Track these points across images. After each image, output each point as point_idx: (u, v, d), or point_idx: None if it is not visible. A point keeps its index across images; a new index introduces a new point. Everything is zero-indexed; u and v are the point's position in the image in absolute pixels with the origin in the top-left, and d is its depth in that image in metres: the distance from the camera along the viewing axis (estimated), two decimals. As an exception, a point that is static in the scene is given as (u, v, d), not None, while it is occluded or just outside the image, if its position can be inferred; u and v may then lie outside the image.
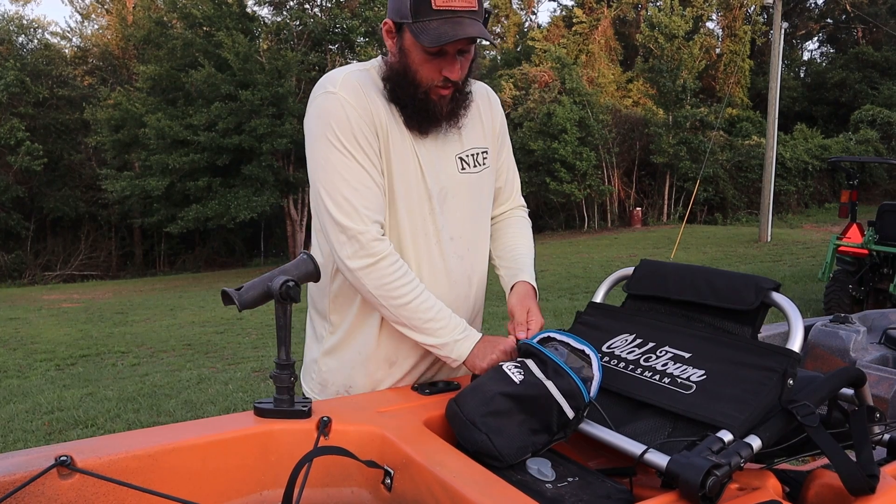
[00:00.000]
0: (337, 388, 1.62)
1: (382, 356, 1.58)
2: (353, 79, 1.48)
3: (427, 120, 1.49)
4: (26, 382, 6.67)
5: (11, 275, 23.98)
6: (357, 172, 1.45)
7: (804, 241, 16.75)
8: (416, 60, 1.43)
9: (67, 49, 29.59)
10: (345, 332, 1.60)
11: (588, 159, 22.98)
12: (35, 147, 22.95)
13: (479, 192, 1.63)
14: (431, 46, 1.37)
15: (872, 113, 25.57)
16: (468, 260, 1.63)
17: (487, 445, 1.21)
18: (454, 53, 1.42)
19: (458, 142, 1.59)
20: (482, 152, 1.63)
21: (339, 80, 1.47)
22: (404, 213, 1.52)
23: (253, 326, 9.28)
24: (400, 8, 1.40)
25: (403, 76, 1.45)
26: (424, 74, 1.44)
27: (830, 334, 2.18)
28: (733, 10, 29.24)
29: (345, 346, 1.60)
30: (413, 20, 1.37)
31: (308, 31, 21.61)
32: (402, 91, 1.46)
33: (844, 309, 7.25)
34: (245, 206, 19.36)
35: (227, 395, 5.45)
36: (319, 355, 1.64)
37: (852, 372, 1.23)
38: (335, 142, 1.44)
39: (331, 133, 1.44)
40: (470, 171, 1.60)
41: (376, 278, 1.45)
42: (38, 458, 1.06)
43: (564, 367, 1.26)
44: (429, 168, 1.53)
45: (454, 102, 1.50)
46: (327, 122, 1.45)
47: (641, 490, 1.16)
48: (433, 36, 1.36)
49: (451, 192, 1.57)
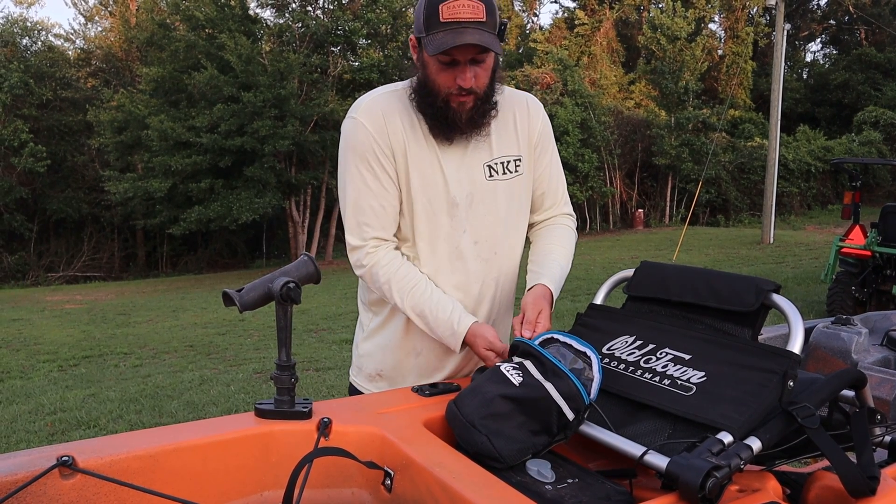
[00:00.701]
0: (370, 371, 1.78)
1: (410, 346, 1.72)
2: (376, 104, 1.63)
3: (448, 127, 1.60)
4: (29, 383, 6.69)
5: (15, 276, 24.03)
6: (364, 193, 1.62)
7: (807, 243, 16.72)
8: (432, 71, 1.55)
9: (71, 51, 29.64)
10: (382, 320, 1.75)
11: (590, 161, 22.98)
12: (38, 149, 22.99)
13: (508, 197, 1.71)
14: (433, 55, 1.47)
15: (875, 114, 25.54)
16: (494, 263, 1.72)
17: (488, 447, 1.21)
18: (465, 62, 1.50)
19: (487, 150, 1.68)
20: (514, 160, 1.71)
21: (362, 107, 1.63)
22: (423, 220, 1.65)
23: (255, 328, 9.29)
24: (418, 24, 1.52)
25: (425, 86, 1.58)
26: (441, 83, 1.54)
27: (832, 336, 2.18)
28: (736, 11, 29.23)
29: (379, 333, 1.76)
30: (426, 33, 1.49)
31: (310, 33, 21.62)
32: (424, 100, 1.59)
33: (847, 311, 7.23)
34: (247, 207, 19.37)
35: (228, 397, 5.45)
36: (360, 341, 1.82)
37: (853, 373, 1.23)
38: (350, 163, 1.63)
39: (348, 155, 1.64)
40: (498, 179, 1.69)
41: (371, 282, 1.67)
42: (40, 458, 1.07)
43: (563, 369, 1.26)
44: (453, 176, 1.64)
45: (475, 111, 1.59)
46: (346, 145, 1.64)
47: (641, 492, 1.16)
48: (436, 45, 1.46)
49: (479, 197, 1.67)
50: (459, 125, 1.59)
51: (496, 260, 1.72)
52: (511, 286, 1.79)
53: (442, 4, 1.45)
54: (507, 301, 1.80)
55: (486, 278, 1.71)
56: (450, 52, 1.47)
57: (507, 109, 1.69)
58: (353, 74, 22.32)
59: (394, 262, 1.64)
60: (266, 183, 19.85)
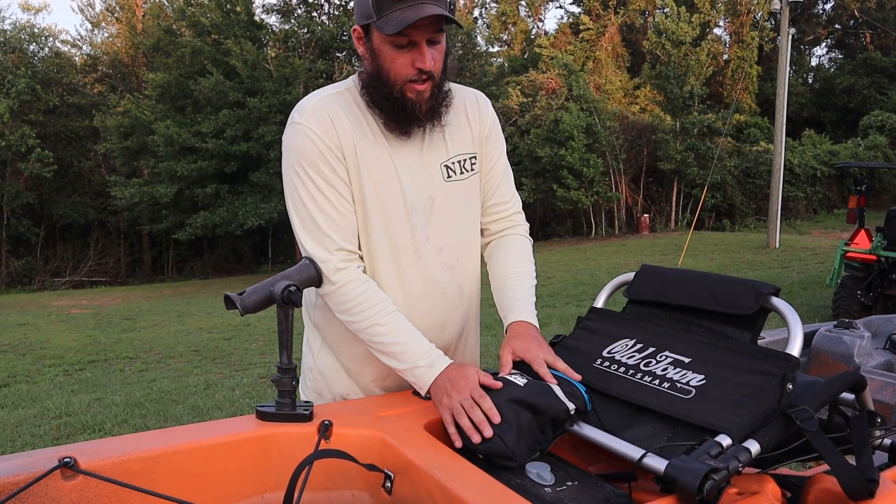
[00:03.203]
0: (333, 395, 1.64)
1: (376, 370, 1.59)
2: (320, 106, 1.49)
3: (406, 120, 1.48)
4: (35, 387, 6.71)
5: (21, 281, 24.15)
6: (321, 202, 1.47)
7: (813, 248, 16.67)
8: (386, 58, 1.43)
9: (78, 57, 29.86)
10: (335, 343, 1.61)
11: (595, 166, 22.97)
12: (45, 154, 23.15)
13: (466, 199, 1.61)
14: (396, 32, 1.36)
15: (881, 118, 25.46)
16: (458, 270, 1.61)
17: (500, 446, 1.22)
18: (423, 43, 1.41)
19: (443, 149, 1.57)
20: (470, 158, 1.61)
21: (305, 110, 1.49)
22: (381, 230, 1.52)
23: (260, 333, 9.31)
24: (364, 9, 1.41)
25: (377, 78, 1.45)
26: (397, 70, 1.43)
27: (834, 340, 2.18)
28: (741, 16, 29.24)
29: (338, 357, 1.62)
30: (377, 16, 1.38)
31: (316, 38, 21.75)
32: (378, 93, 1.46)
33: (853, 315, 7.20)
34: (253, 212, 19.46)
35: (233, 401, 5.46)
36: (313, 363, 1.66)
37: (852, 376, 1.23)
38: (300, 172, 1.47)
39: (297, 163, 1.48)
40: (456, 179, 1.58)
41: (338, 303, 1.48)
42: (42, 459, 1.08)
43: (561, 375, 1.32)
44: (409, 181, 1.52)
45: (433, 100, 1.48)
46: (292, 153, 1.48)
47: (640, 494, 1.16)
48: (396, 22, 1.35)
49: (439, 201, 1.55)
50: (419, 115, 1.47)
51: (460, 266, 1.61)
52: (477, 292, 1.69)
53: None
54: (476, 308, 1.71)
55: (452, 286, 1.60)
56: (407, 32, 1.37)
57: (458, 104, 1.60)
58: (358, 80, 22.37)
59: (368, 283, 1.49)
60: (272, 188, 19.92)
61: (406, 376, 1.45)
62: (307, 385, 1.69)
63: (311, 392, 1.67)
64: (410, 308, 1.54)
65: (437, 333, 1.57)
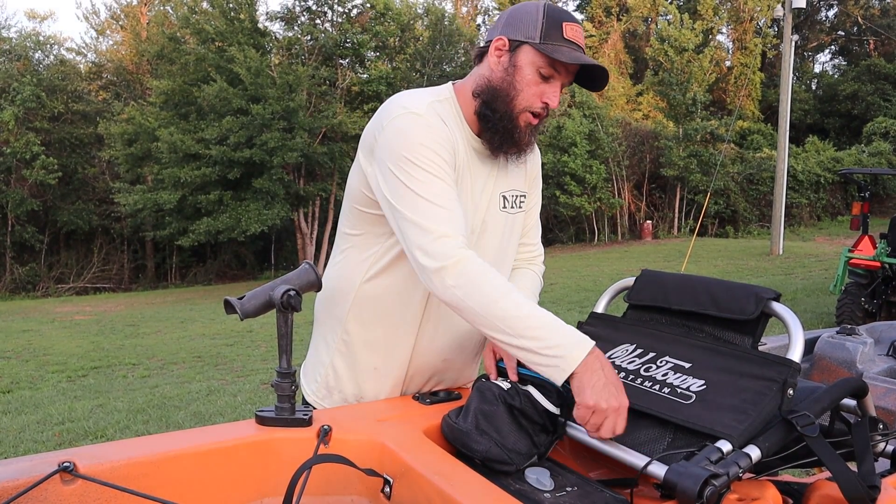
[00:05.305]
0: (345, 395, 1.60)
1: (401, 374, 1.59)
2: (435, 108, 1.47)
3: (505, 142, 1.48)
4: (38, 394, 6.72)
5: (25, 287, 24.21)
6: (446, 190, 1.40)
7: (816, 254, 16.63)
8: (524, 80, 1.43)
9: (82, 64, 29.99)
10: (363, 343, 1.58)
11: (598, 172, 22.97)
12: (50, 161, 23.24)
13: (510, 232, 1.64)
14: (570, 63, 1.40)
15: (885, 125, 25.45)
16: None
17: (495, 450, 1.22)
18: (561, 83, 1.45)
19: (504, 180, 1.59)
20: (520, 195, 1.65)
21: (424, 105, 1.45)
22: None
23: (262, 339, 9.31)
24: (526, 28, 1.42)
25: (501, 91, 1.45)
26: (526, 95, 1.44)
27: (837, 346, 2.17)
28: (744, 22, 29.28)
29: (361, 357, 1.59)
30: (541, 42, 1.40)
31: (319, 45, 21.83)
32: (491, 106, 1.46)
33: (857, 322, 7.18)
34: (256, 219, 19.50)
35: (235, 407, 5.46)
36: (329, 360, 1.62)
37: (853, 382, 1.22)
38: (424, 154, 1.39)
39: (419, 146, 1.40)
40: (508, 211, 1.61)
41: (462, 274, 1.33)
42: (41, 463, 1.08)
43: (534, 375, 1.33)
44: (476, 201, 1.54)
45: (533, 136, 1.52)
46: (414, 137, 1.40)
47: (641, 500, 1.15)
48: (568, 56, 1.39)
49: (490, 228, 1.58)
50: (518, 143, 1.49)
51: None
52: None
53: (565, 22, 1.41)
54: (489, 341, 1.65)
55: None
56: (560, 69, 1.42)
57: None
58: (361, 86, 22.49)
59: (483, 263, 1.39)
60: (275, 195, 19.97)
61: (539, 354, 1.26)
62: (316, 379, 1.65)
63: (321, 387, 1.63)
64: (437, 324, 1.56)
65: (455, 353, 1.61)
